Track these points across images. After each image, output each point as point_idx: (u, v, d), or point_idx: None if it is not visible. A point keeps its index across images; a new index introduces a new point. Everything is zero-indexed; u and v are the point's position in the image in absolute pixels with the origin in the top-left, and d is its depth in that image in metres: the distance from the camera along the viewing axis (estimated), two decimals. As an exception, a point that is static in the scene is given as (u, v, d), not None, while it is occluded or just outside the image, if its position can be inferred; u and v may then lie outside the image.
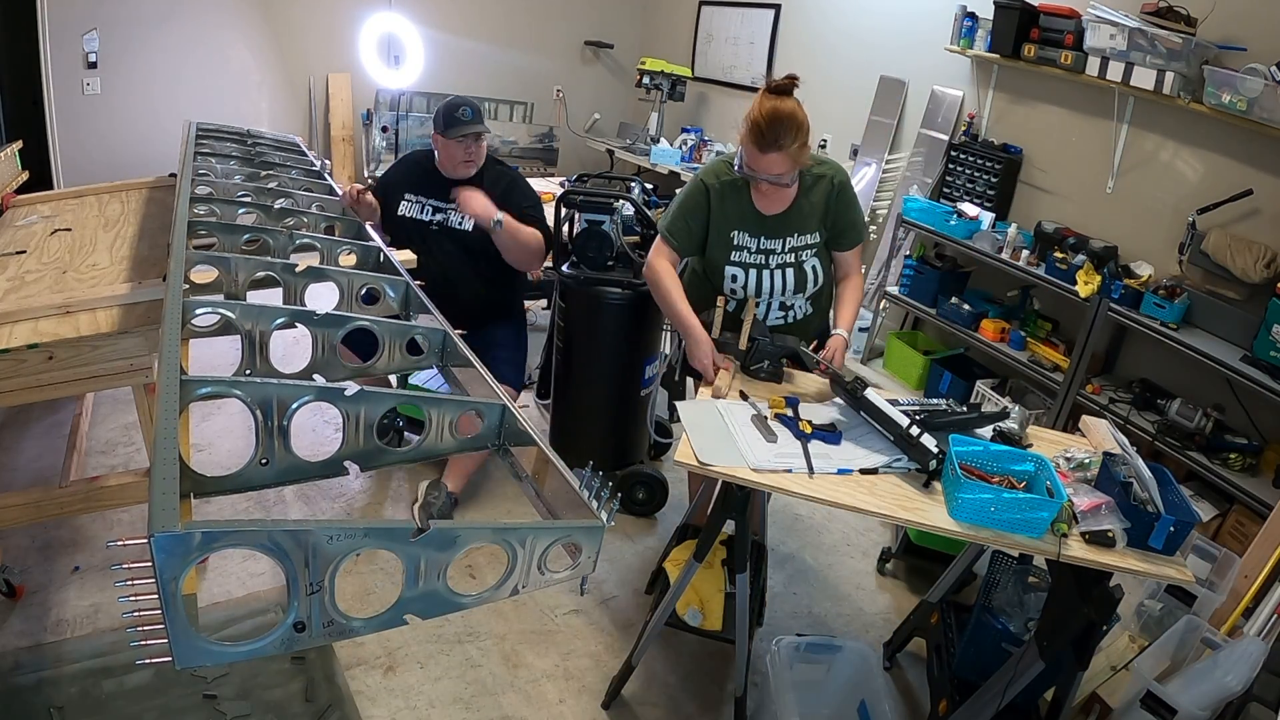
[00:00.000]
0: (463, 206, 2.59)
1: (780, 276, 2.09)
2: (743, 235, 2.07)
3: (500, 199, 2.62)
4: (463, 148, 2.61)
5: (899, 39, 4.36)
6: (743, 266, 2.09)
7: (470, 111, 2.59)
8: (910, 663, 2.35)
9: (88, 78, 4.45)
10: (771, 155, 1.88)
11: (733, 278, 2.10)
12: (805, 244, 2.09)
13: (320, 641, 0.89)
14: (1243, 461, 2.79)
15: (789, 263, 2.09)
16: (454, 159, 2.63)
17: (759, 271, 2.09)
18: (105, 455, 2.90)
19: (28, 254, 2.25)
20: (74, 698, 1.91)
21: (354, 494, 2.86)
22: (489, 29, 5.68)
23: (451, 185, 2.68)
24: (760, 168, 1.92)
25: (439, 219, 2.69)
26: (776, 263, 2.09)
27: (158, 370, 1.42)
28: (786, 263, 2.09)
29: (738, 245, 2.07)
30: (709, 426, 1.75)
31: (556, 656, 2.24)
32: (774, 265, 2.09)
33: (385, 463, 1.30)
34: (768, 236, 2.07)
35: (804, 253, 2.10)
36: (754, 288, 2.10)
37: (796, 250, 2.09)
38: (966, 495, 1.53)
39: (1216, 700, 1.84)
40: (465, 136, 2.59)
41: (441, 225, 2.69)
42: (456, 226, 2.68)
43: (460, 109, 2.58)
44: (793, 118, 1.86)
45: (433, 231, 2.69)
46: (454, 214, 2.68)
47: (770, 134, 1.86)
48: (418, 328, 1.56)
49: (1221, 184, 2.97)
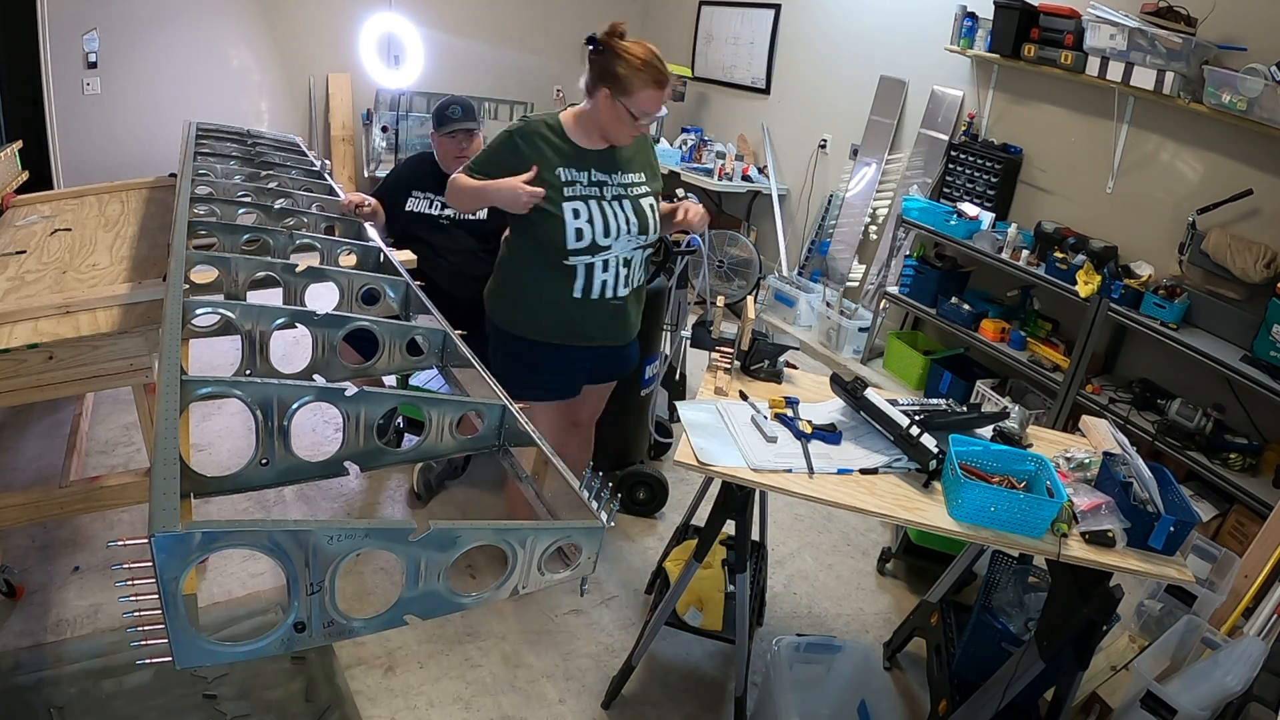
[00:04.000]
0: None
1: (620, 209, 1.99)
2: (569, 171, 1.97)
3: None
4: (455, 144, 2.68)
5: (899, 39, 4.36)
6: (583, 199, 1.96)
7: (460, 110, 2.68)
8: (910, 663, 2.35)
9: (88, 78, 4.45)
10: (665, 90, 1.91)
11: (574, 213, 1.94)
12: (634, 182, 2.04)
13: (320, 641, 0.89)
14: (1243, 461, 2.79)
15: (624, 195, 2.01)
16: (448, 157, 2.70)
17: (599, 204, 1.97)
18: (105, 455, 2.90)
19: (28, 254, 2.25)
20: (74, 698, 1.91)
21: (354, 494, 2.86)
22: (489, 29, 5.68)
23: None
24: (656, 107, 1.93)
25: (449, 212, 2.72)
26: (611, 194, 2.00)
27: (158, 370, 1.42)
28: (621, 195, 2.01)
29: (567, 181, 1.96)
30: (709, 426, 1.75)
31: (556, 656, 2.24)
32: (609, 197, 1.99)
33: (385, 463, 1.30)
34: (597, 169, 1.99)
35: (636, 188, 2.04)
36: (600, 225, 1.96)
37: (626, 187, 2.02)
38: (966, 495, 1.53)
39: (1216, 700, 1.84)
40: (456, 133, 2.67)
41: (452, 219, 2.73)
42: (470, 217, 2.72)
43: (450, 108, 2.68)
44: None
45: (443, 225, 2.73)
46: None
47: (664, 68, 1.89)
48: (418, 328, 1.56)
49: (1221, 184, 2.97)
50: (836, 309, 4.52)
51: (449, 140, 2.68)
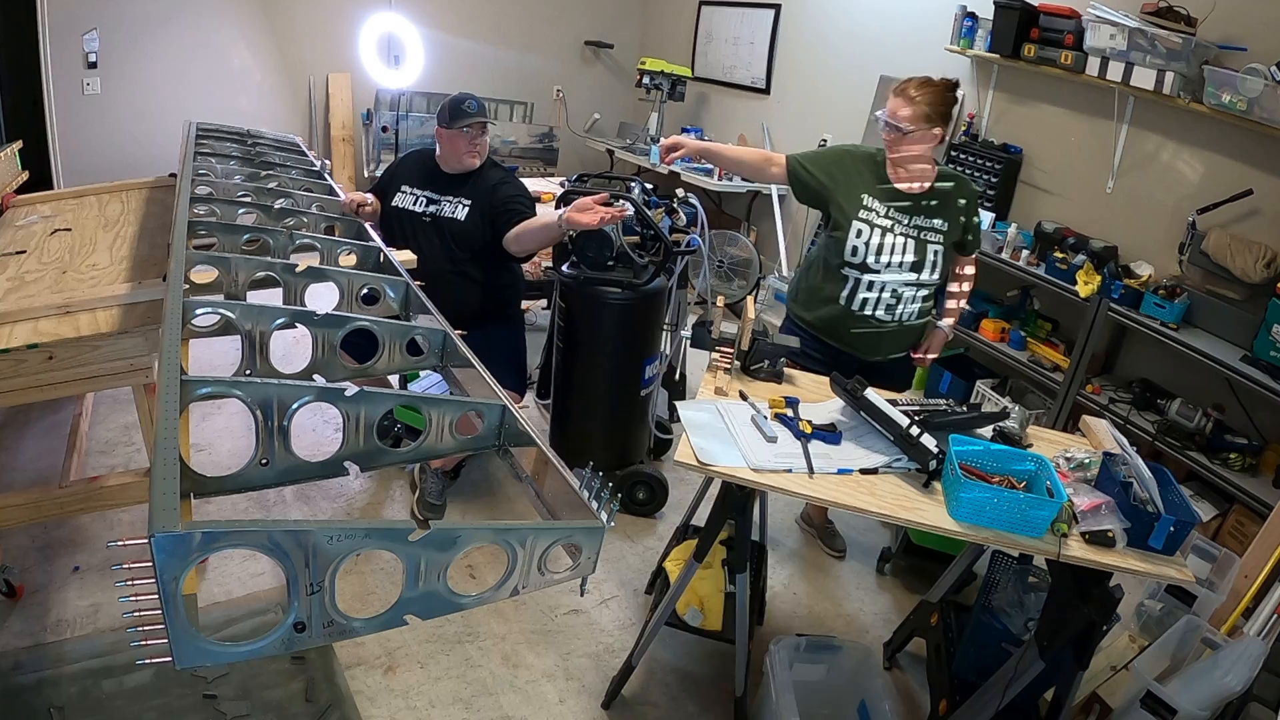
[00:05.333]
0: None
1: (902, 244, 2.20)
2: (873, 200, 2.21)
3: (491, 190, 2.71)
4: (467, 139, 2.67)
5: (899, 39, 4.36)
6: (869, 224, 2.20)
7: (475, 105, 2.68)
8: (910, 663, 2.35)
9: (88, 78, 4.45)
10: (900, 99, 2.12)
11: (858, 233, 2.19)
12: (931, 226, 2.21)
13: (320, 641, 0.89)
14: (1243, 461, 2.79)
15: (911, 235, 2.21)
16: (458, 150, 2.69)
17: (883, 233, 2.19)
18: (105, 455, 2.90)
19: (28, 254, 2.25)
20: (74, 698, 1.91)
21: (354, 494, 2.86)
22: (489, 29, 5.68)
23: (449, 180, 2.74)
24: (889, 109, 2.14)
25: (431, 210, 2.71)
26: (900, 230, 2.20)
27: (158, 370, 1.42)
28: (910, 234, 2.21)
29: (867, 206, 2.21)
30: (709, 426, 1.75)
31: (556, 656, 2.24)
32: (898, 231, 2.20)
33: (385, 463, 1.30)
34: (896, 209, 2.21)
35: (928, 233, 2.21)
36: (875, 248, 2.19)
37: (921, 229, 2.21)
38: (966, 495, 1.53)
39: (1216, 700, 1.84)
40: (470, 127, 2.65)
41: (434, 217, 2.71)
42: (450, 216, 2.70)
43: (466, 102, 2.67)
44: (929, 84, 2.12)
45: (424, 223, 2.71)
46: (447, 205, 2.71)
47: (908, 84, 2.13)
48: (418, 328, 1.56)
49: (1221, 184, 2.97)
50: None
51: (461, 136, 2.67)
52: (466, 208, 2.69)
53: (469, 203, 2.70)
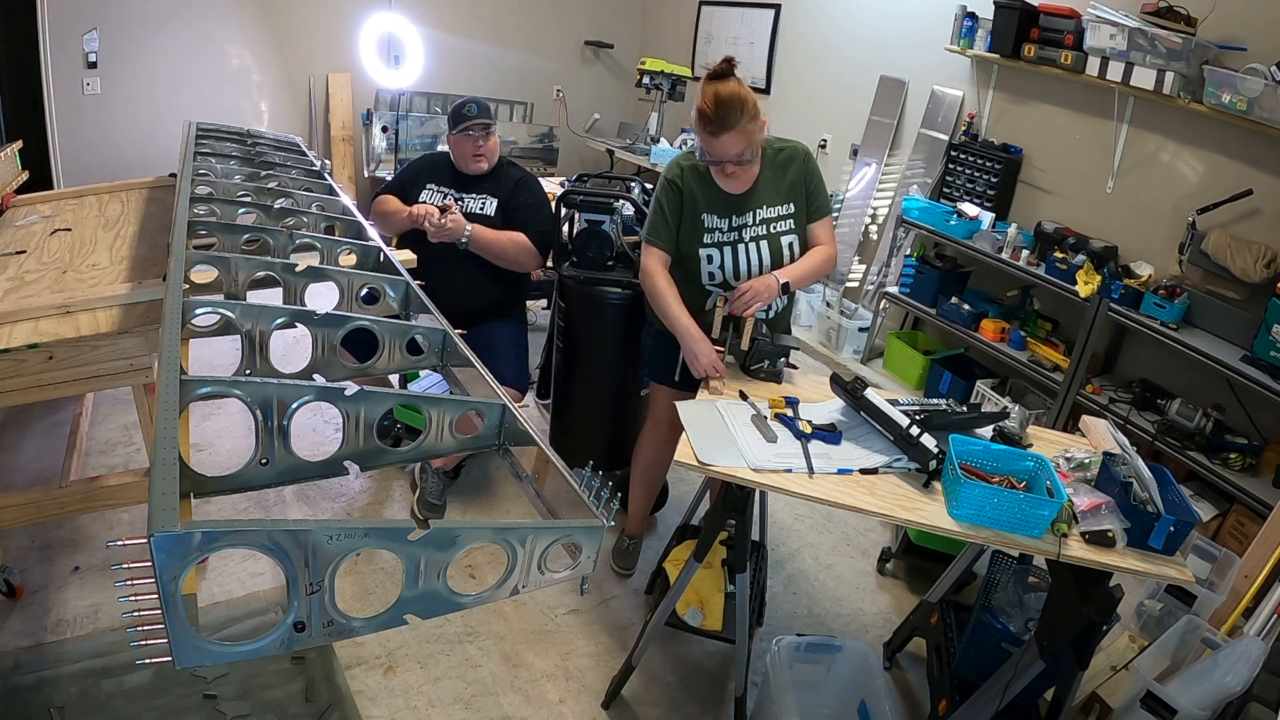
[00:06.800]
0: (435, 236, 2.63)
1: (755, 250, 2.10)
2: (713, 218, 2.10)
3: (508, 194, 2.77)
4: (471, 142, 2.71)
5: (899, 39, 4.36)
6: (717, 246, 2.10)
7: (475, 107, 2.71)
8: (910, 663, 2.35)
9: (88, 78, 4.45)
10: (725, 137, 1.94)
11: (708, 258, 2.11)
12: (777, 215, 2.11)
13: (320, 641, 0.89)
14: (1243, 461, 2.79)
15: (761, 234, 2.11)
16: (465, 154, 2.74)
17: (734, 248, 2.10)
18: (105, 455, 2.90)
19: (28, 254, 2.25)
20: (74, 698, 1.91)
21: (354, 494, 2.86)
22: (489, 29, 5.68)
23: (472, 179, 2.79)
24: (718, 151, 1.97)
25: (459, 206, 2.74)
26: (750, 235, 2.10)
27: (158, 370, 1.42)
28: (759, 235, 2.10)
29: (709, 228, 2.10)
30: (709, 426, 1.75)
31: (556, 656, 2.24)
32: (748, 239, 2.10)
33: (385, 463, 1.30)
34: (738, 214, 2.09)
35: (776, 224, 2.11)
36: (730, 266, 2.10)
37: (767, 222, 2.11)
38: (966, 495, 1.53)
39: (1216, 700, 1.84)
40: (472, 131, 2.69)
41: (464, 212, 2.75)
42: (479, 212, 2.76)
43: (466, 106, 2.71)
44: (735, 96, 1.92)
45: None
46: (473, 201, 2.77)
47: (718, 118, 1.92)
48: (418, 328, 1.56)
49: (1221, 184, 2.97)
50: (836, 309, 4.53)
51: (465, 139, 2.71)
52: (495, 203, 2.76)
53: (494, 200, 2.78)
